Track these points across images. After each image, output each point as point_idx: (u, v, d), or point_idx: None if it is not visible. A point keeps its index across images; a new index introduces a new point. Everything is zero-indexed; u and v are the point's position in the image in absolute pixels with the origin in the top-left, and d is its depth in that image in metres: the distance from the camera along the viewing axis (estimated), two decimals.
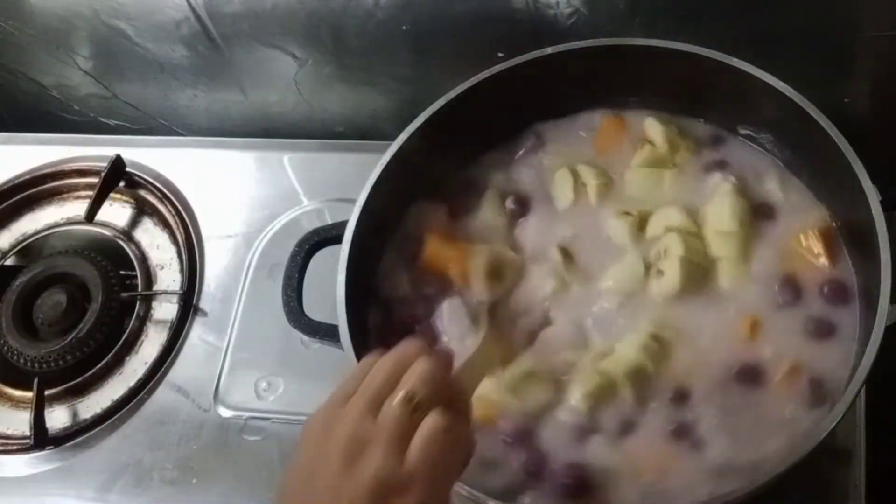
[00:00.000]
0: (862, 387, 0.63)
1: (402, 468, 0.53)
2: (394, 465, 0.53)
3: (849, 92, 0.90)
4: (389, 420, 0.55)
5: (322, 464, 0.54)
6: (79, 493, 0.89)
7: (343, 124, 1.13)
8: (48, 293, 0.99)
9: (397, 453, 0.53)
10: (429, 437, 0.54)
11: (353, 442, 0.54)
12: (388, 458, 0.53)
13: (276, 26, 1.02)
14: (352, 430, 0.55)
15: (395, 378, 0.57)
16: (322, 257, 0.80)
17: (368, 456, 0.53)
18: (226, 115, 1.16)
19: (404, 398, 0.55)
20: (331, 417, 0.57)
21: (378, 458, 0.53)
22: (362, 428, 0.55)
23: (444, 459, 0.55)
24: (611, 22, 0.90)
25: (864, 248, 0.70)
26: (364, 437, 0.54)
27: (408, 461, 0.53)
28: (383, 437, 0.54)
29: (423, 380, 0.56)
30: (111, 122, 1.21)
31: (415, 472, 0.53)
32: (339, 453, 0.54)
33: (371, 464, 0.53)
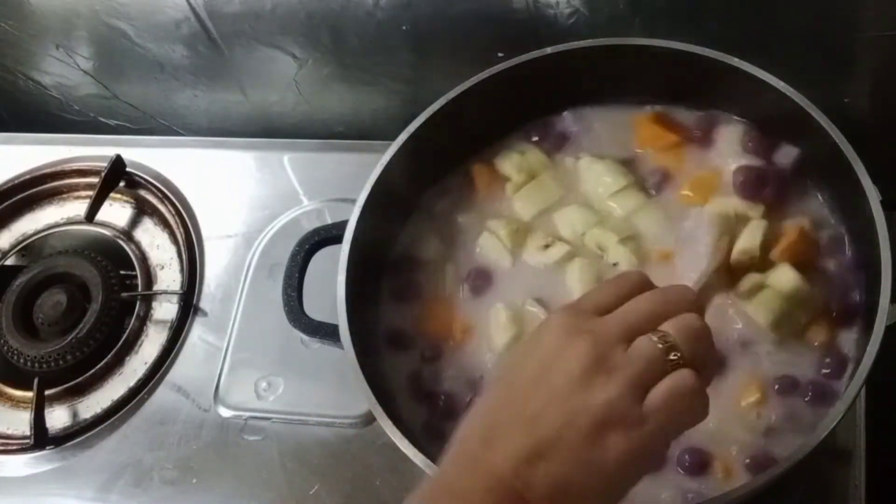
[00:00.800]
0: (862, 387, 0.63)
1: (638, 408, 0.51)
2: (632, 401, 0.51)
3: (849, 92, 0.90)
4: (642, 357, 0.52)
5: (559, 364, 0.52)
6: (79, 493, 0.89)
7: (343, 124, 1.13)
8: (48, 293, 0.99)
9: (639, 392, 0.51)
10: (675, 390, 0.52)
11: (599, 360, 0.52)
12: (629, 393, 0.51)
13: (276, 26, 1.02)
14: (601, 348, 0.52)
15: (661, 317, 0.54)
16: (322, 257, 0.80)
17: (610, 381, 0.51)
18: (226, 115, 1.16)
19: (666, 344, 0.53)
20: (580, 323, 0.54)
21: (618, 387, 0.51)
22: (613, 351, 0.52)
23: (679, 417, 0.53)
24: (611, 22, 0.90)
25: (864, 248, 0.70)
26: (611, 361, 0.52)
27: (647, 404, 0.51)
28: (630, 371, 0.52)
29: (688, 335, 0.54)
30: (111, 122, 1.21)
31: (648, 417, 0.51)
32: (581, 364, 0.52)
33: (610, 390, 0.51)
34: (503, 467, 0.50)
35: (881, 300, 0.64)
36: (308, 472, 0.85)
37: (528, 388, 0.53)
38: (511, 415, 0.53)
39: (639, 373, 0.52)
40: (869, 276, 0.69)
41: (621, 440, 0.50)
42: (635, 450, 0.51)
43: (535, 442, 0.50)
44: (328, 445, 0.85)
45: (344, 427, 0.86)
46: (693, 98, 0.81)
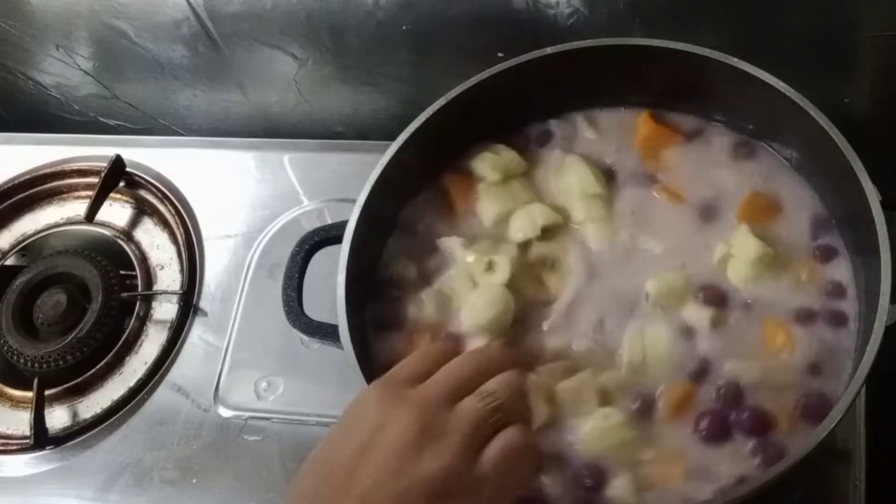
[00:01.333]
0: (862, 387, 0.63)
1: (473, 471, 0.50)
2: (466, 465, 0.50)
3: (849, 92, 0.90)
4: (468, 417, 0.51)
5: (383, 438, 0.50)
6: (79, 493, 0.89)
7: (343, 124, 1.13)
8: (48, 293, 0.99)
9: (471, 454, 0.50)
10: (507, 446, 0.51)
11: (425, 428, 0.50)
12: (461, 457, 0.50)
13: (276, 26, 1.02)
14: (425, 416, 0.51)
15: (480, 376, 0.54)
16: (322, 257, 0.80)
17: (441, 448, 0.50)
18: (226, 115, 1.16)
19: (490, 400, 0.52)
20: (398, 393, 0.53)
21: (451, 453, 0.50)
22: (437, 417, 0.51)
23: (515, 473, 0.52)
24: (611, 22, 0.90)
25: (864, 248, 0.70)
26: (437, 428, 0.51)
27: (480, 465, 0.50)
28: (458, 435, 0.50)
29: (510, 388, 0.54)
30: (111, 122, 1.21)
31: (485, 479, 0.50)
32: (407, 434, 0.50)
33: (443, 456, 0.49)
34: None
35: (881, 300, 0.64)
36: None
37: (353, 464, 0.50)
38: (337, 493, 0.49)
39: (468, 434, 0.51)
40: (869, 277, 0.69)
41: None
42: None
43: None
44: None
45: None
46: (693, 98, 0.81)
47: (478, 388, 0.54)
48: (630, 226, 0.77)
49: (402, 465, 0.49)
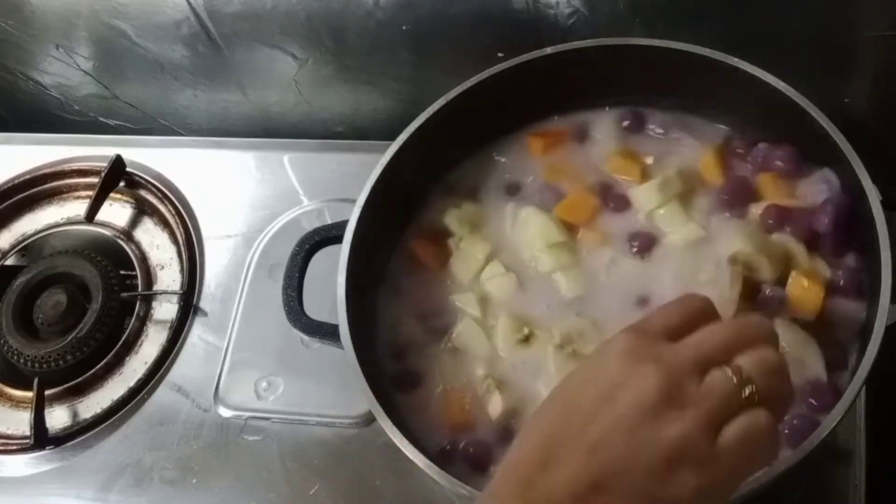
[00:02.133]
0: (862, 387, 0.63)
1: (711, 447, 0.48)
2: (705, 438, 0.48)
3: (849, 92, 0.90)
4: (716, 391, 0.49)
5: (626, 392, 0.49)
6: (79, 493, 0.89)
7: (343, 124, 1.13)
8: (48, 293, 0.99)
9: (712, 429, 0.48)
10: (751, 430, 0.49)
11: (670, 393, 0.49)
12: (702, 430, 0.48)
13: (276, 26, 1.02)
14: (673, 380, 0.49)
15: (735, 348, 0.51)
16: (322, 257, 0.80)
17: (683, 416, 0.48)
18: (226, 115, 1.16)
19: (742, 378, 0.49)
20: (649, 348, 0.51)
21: (692, 423, 0.48)
22: (684, 383, 0.49)
23: (751, 459, 0.50)
24: (611, 22, 0.90)
25: (864, 247, 0.70)
26: (683, 394, 0.49)
27: (720, 443, 0.48)
28: (703, 406, 0.48)
29: (766, 370, 0.50)
30: (111, 122, 1.21)
31: (720, 457, 0.48)
32: (651, 394, 0.48)
33: (683, 425, 0.48)
34: (560, 495, 0.47)
35: (881, 300, 0.64)
36: (308, 472, 0.85)
37: (590, 412, 0.49)
38: (570, 438, 0.49)
39: (713, 409, 0.49)
40: (869, 277, 0.69)
41: (692, 479, 0.47)
42: (705, 490, 0.48)
43: (597, 472, 0.47)
44: (328, 445, 0.85)
45: (344, 427, 0.86)
46: (692, 98, 0.81)
47: (732, 362, 0.50)
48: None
49: (639, 426, 0.48)
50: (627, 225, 0.78)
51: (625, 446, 0.48)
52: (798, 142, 0.76)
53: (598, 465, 0.47)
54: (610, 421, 0.48)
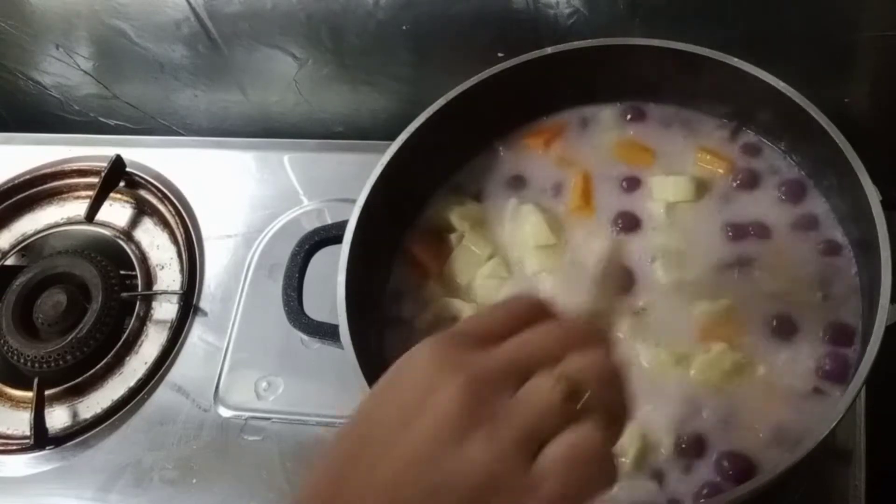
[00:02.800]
0: (862, 387, 0.63)
1: (527, 473, 0.40)
2: (518, 462, 0.39)
3: (849, 92, 0.90)
4: (532, 401, 0.41)
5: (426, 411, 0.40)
6: (79, 493, 0.89)
7: (343, 124, 1.13)
8: (48, 293, 0.99)
9: (527, 451, 0.40)
10: (576, 451, 0.40)
11: (476, 407, 0.40)
12: (514, 451, 0.39)
13: (276, 26, 1.02)
14: (480, 391, 0.40)
15: (560, 352, 0.42)
16: (322, 257, 0.80)
17: (490, 437, 0.39)
18: (226, 115, 1.16)
19: (568, 384, 0.41)
20: (457, 355, 0.42)
21: (501, 445, 0.39)
22: (495, 395, 0.40)
23: (580, 485, 0.40)
24: (611, 22, 0.90)
25: (864, 247, 0.70)
26: (491, 408, 0.40)
27: (538, 467, 0.40)
28: (516, 422, 0.40)
29: (596, 377, 0.42)
30: (111, 122, 1.21)
31: (540, 485, 0.39)
32: (453, 411, 0.40)
33: (489, 448, 0.39)
34: None
35: (881, 300, 0.64)
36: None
37: (385, 440, 0.41)
38: (360, 478, 0.40)
39: (528, 425, 0.40)
40: (869, 277, 0.69)
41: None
42: None
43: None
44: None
45: None
46: (692, 98, 0.81)
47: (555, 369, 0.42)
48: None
49: (440, 453, 0.40)
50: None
51: (421, 486, 0.39)
52: (798, 142, 0.76)
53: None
54: (404, 451, 0.40)
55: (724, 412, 0.69)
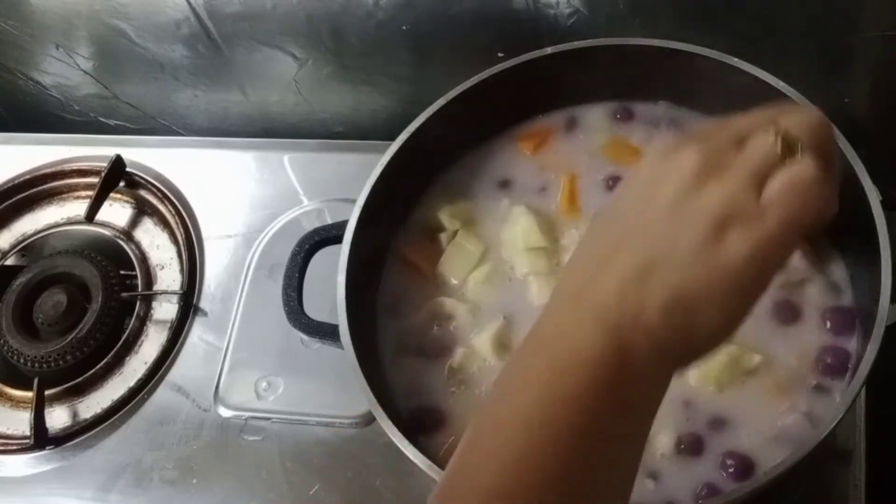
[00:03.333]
0: (862, 387, 0.63)
1: (756, 202, 0.46)
2: (748, 195, 0.46)
3: (849, 92, 0.90)
4: (757, 150, 0.47)
5: (665, 180, 0.47)
6: (79, 493, 0.89)
7: (343, 124, 1.13)
8: (48, 293, 0.99)
9: (755, 186, 0.46)
10: (796, 178, 0.47)
11: (709, 163, 0.47)
12: (745, 187, 0.46)
13: (276, 26, 1.02)
14: (711, 152, 0.48)
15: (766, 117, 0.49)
16: (322, 257, 0.80)
17: (723, 179, 0.46)
18: (226, 115, 1.16)
19: (778, 133, 0.48)
20: (681, 141, 0.49)
21: (733, 183, 0.46)
22: (724, 153, 0.48)
23: (802, 207, 0.47)
24: (611, 22, 0.90)
25: (864, 247, 0.70)
26: (723, 162, 0.47)
27: (765, 197, 0.46)
28: (744, 166, 0.47)
29: (806, 128, 0.48)
30: (111, 122, 1.21)
31: (768, 209, 0.46)
32: (690, 170, 0.47)
33: (724, 186, 0.46)
34: (610, 292, 0.45)
35: (881, 300, 0.64)
36: (308, 472, 0.85)
37: (633, 212, 0.48)
38: (615, 242, 0.48)
39: (754, 167, 0.47)
40: (869, 276, 0.69)
41: (742, 237, 0.45)
42: (758, 244, 0.45)
43: (645, 257, 0.46)
44: (328, 445, 0.85)
45: (344, 427, 0.86)
46: (692, 98, 0.81)
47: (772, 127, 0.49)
48: None
49: (683, 200, 0.47)
50: None
51: (670, 224, 0.46)
52: None
53: (645, 251, 0.46)
54: (653, 211, 0.47)
55: (723, 409, 0.69)
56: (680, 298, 0.45)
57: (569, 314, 0.47)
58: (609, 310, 0.45)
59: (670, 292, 0.45)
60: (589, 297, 0.46)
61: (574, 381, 0.45)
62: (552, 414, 0.45)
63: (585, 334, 0.45)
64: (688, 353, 0.47)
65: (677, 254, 0.45)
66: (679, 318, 0.45)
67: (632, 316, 0.45)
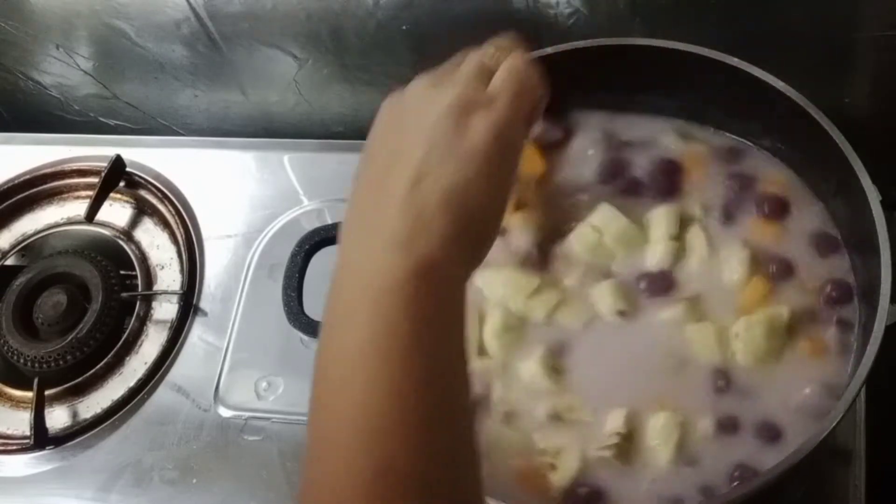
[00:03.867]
0: (862, 387, 0.63)
1: (485, 92, 0.57)
2: (478, 88, 0.57)
3: (849, 92, 0.90)
4: (474, 59, 0.60)
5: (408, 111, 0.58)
6: (79, 493, 0.89)
7: (343, 124, 1.13)
8: (48, 293, 0.99)
9: (481, 82, 0.58)
10: (512, 68, 0.59)
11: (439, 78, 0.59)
12: (473, 84, 0.57)
13: (276, 26, 1.02)
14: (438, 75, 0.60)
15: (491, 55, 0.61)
16: (322, 257, 0.80)
17: (453, 82, 0.57)
18: (226, 115, 1.16)
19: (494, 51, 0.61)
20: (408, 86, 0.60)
21: (463, 83, 0.57)
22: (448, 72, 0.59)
23: (522, 88, 0.58)
24: (611, 22, 0.90)
25: (864, 248, 0.70)
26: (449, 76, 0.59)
27: (491, 87, 0.58)
28: (467, 70, 0.59)
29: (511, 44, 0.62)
30: (111, 122, 1.21)
31: (497, 95, 0.57)
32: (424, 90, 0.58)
33: (456, 86, 0.57)
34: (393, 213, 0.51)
35: (881, 300, 0.64)
36: None
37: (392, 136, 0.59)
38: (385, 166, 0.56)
39: (476, 69, 0.58)
40: (868, 277, 0.69)
41: (482, 120, 0.54)
42: (497, 124, 0.55)
43: (412, 168, 0.53)
44: None
45: None
46: (692, 98, 0.81)
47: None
48: None
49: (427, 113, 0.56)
50: None
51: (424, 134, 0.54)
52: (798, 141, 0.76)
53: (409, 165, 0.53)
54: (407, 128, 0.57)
55: (755, 383, 0.68)
56: (450, 191, 0.52)
57: (366, 249, 0.53)
58: (396, 231, 0.51)
59: (441, 191, 0.51)
60: (377, 224, 0.52)
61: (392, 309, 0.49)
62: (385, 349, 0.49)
63: (387, 264, 0.50)
64: (476, 242, 0.54)
65: (435, 154, 0.53)
66: (456, 209, 0.51)
67: (418, 229, 0.50)
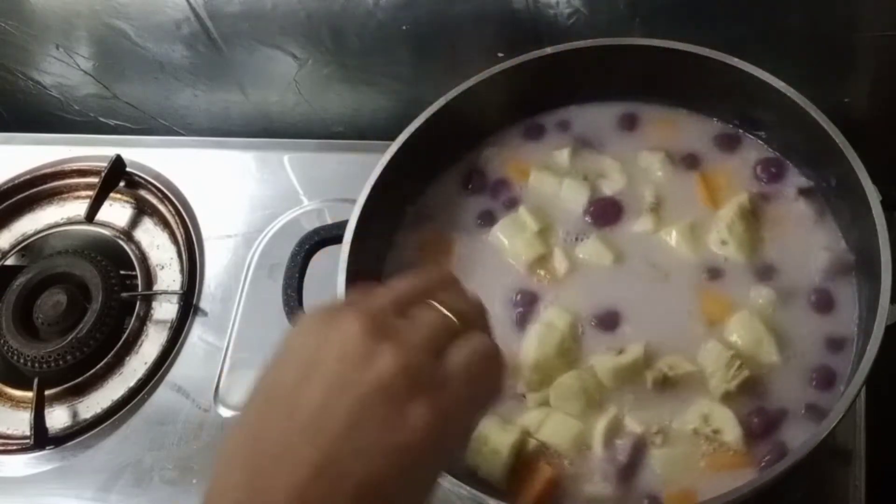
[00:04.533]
0: (862, 387, 0.63)
1: (437, 370, 0.44)
2: (427, 361, 0.44)
3: (849, 92, 0.90)
4: (426, 320, 0.46)
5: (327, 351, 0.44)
6: (79, 493, 0.89)
7: (343, 124, 1.13)
8: (48, 293, 0.99)
9: (431, 353, 0.45)
10: (475, 349, 0.46)
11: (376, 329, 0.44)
12: (420, 355, 0.44)
13: (276, 26, 1.02)
14: (375, 319, 0.44)
15: (425, 290, 0.49)
16: (322, 257, 0.80)
17: (393, 347, 0.43)
18: (226, 115, 1.16)
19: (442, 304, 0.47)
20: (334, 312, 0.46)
21: (406, 350, 0.43)
22: (389, 320, 0.45)
23: (480, 382, 0.46)
24: (611, 22, 0.90)
25: (863, 247, 0.70)
26: (391, 328, 0.44)
27: (445, 365, 0.45)
28: (416, 333, 0.45)
29: (461, 297, 0.49)
30: (111, 122, 1.21)
31: (452, 378, 0.44)
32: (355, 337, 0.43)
33: (397, 354, 0.43)
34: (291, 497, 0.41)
35: (881, 300, 0.64)
36: None
37: (296, 389, 0.43)
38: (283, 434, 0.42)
39: (426, 336, 0.45)
40: (869, 277, 0.69)
41: (425, 409, 0.42)
42: (444, 415, 0.43)
43: (322, 452, 0.41)
44: None
45: None
46: (692, 98, 0.81)
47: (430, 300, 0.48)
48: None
49: (353, 372, 0.42)
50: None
51: (343, 404, 0.42)
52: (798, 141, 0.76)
53: (316, 447, 0.41)
54: (319, 385, 0.43)
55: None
56: (367, 486, 0.41)
57: None
58: None
59: (355, 486, 0.41)
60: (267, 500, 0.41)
61: None
62: None
63: None
64: None
65: (355, 439, 0.41)
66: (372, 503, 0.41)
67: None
